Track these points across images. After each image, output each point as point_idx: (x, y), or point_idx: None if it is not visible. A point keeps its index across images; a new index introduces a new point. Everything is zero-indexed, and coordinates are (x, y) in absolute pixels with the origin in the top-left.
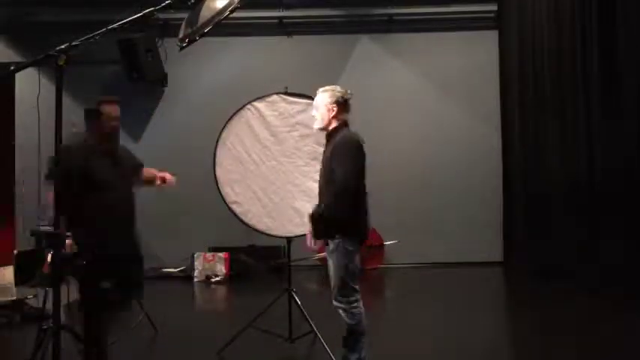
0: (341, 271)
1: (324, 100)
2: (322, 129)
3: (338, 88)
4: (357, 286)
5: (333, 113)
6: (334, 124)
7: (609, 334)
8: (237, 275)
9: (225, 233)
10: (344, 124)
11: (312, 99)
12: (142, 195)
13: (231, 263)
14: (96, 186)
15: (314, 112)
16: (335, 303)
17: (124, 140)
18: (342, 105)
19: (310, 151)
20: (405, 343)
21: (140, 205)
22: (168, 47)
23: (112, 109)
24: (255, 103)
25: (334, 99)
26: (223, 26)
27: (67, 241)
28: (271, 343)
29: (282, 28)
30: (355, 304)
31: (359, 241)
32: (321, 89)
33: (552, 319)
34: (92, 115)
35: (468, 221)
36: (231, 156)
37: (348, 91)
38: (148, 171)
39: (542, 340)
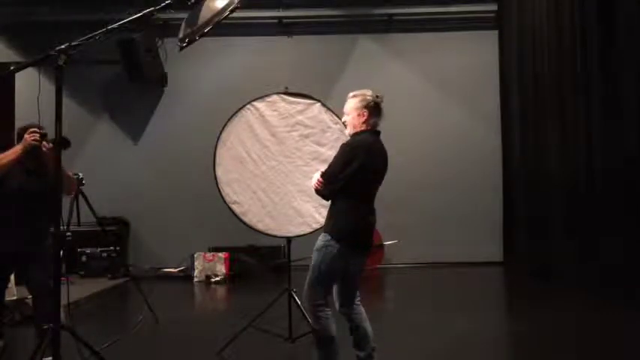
0: (314, 271)
1: (354, 105)
2: (352, 134)
3: (368, 92)
4: (325, 294)
5: (364, 118)
6: (362, 129)
7: (609, 334)
8: (237, 275)
9: (225, 233)
10: (370, 131)
11: (312, 99)
12: (142, 195)
13: (231, 263)
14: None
15: (345, 118)
16: (303, 302)
17: (124, 140)
18: (373, 109)
19: (310, 151)
20: (405, 343)
21: (141, 205)
22: (168, 47)
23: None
24: (255, 103)
25: (365, 103)
26: (223, 26)
27: None
28: (271, 343)
29: (282, 28)
30: (320, 309)
31: (347, 249)
32: (351, 94)
33: (552, 319)
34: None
35: (468, 221)
36: (231, 156)
37: (379, 94)
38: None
39: (542, 340)
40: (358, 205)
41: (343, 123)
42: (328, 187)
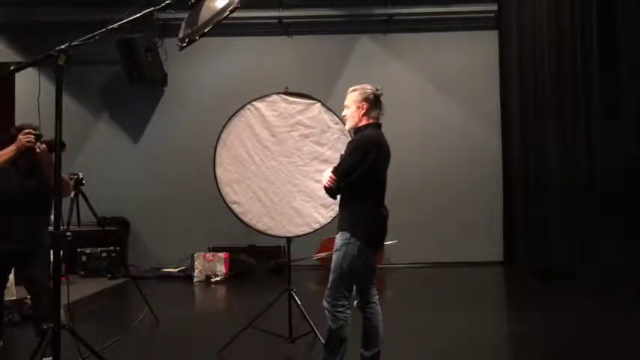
0: (335, 272)
1: (354, 98)
2: (353, 128)
3: (368, 85)
4: (347, 293)
5: (363, 111)
6: (364, 123)
7: (609, 334)
8: (237, 275)
9: (225, 233)
10: (373, 125)
11: (312, 99)
12: (142, 195)
13: (231, 263)
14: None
15: (344, 112)
16: (323, 303)
17: (124, 140)
18: (373, 102)
19: (310, 151)
20: (405, 344)
21: (141, 205)
22: (168, 47)
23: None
24: (255, 103)
25: (364, 96)
26: (223, 26)
27: None
28: (271, 343)
29: (282, 28)
30: (340, 309)
31: (366, 245)
32: (350, 88)
33: (552, 319)
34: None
35: (469, 221)
36: (231, 156)
37: (378, 88)
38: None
39: (542, 340)
40: (372, 201)
41: (343, 117)
42: (340, 184)
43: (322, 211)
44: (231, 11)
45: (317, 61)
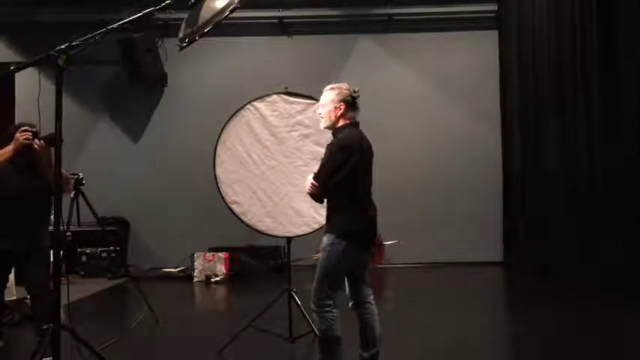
0: (320, 273)
1: (330, 98)
2: (328, 128)
3: (345, 85)
4: (332, 292)
5: (341, 111)
6: (341, 123)
7: (609, 334)
8: (237, 275)
9: (225, 233)
10: (351, 124)
11: (312, 99)
12: (142, 195)
13: (231, 263)
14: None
15: (319, 111)
16: (311, 305)
17: (124, 140)
18: (350, 104)
19: (310, 151)
20: (405, 343)
21: (141, 205)
22: (168, 47)
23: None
24: (255, 103)
25: (341, 97)
26: (223, 26)
27: None
28: (271, 343)
29: (282, 28)
30: (327, 309)
31: (353, 245)
32: (327, 87)
33: (552, 319)
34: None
35: (468, 221)
36: (231, 156)
37: (355, 89)
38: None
39: (542, 340)
40: (357, 202)
41: (318, 115)
42: (323, 190)
43: (322, 211)
44: (231, 11)
45: (317, 61)
